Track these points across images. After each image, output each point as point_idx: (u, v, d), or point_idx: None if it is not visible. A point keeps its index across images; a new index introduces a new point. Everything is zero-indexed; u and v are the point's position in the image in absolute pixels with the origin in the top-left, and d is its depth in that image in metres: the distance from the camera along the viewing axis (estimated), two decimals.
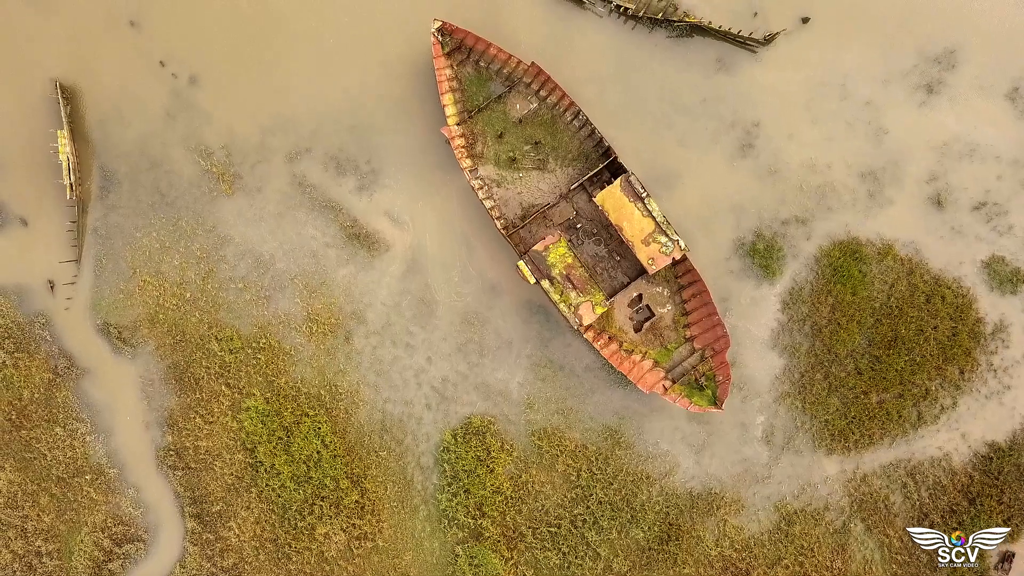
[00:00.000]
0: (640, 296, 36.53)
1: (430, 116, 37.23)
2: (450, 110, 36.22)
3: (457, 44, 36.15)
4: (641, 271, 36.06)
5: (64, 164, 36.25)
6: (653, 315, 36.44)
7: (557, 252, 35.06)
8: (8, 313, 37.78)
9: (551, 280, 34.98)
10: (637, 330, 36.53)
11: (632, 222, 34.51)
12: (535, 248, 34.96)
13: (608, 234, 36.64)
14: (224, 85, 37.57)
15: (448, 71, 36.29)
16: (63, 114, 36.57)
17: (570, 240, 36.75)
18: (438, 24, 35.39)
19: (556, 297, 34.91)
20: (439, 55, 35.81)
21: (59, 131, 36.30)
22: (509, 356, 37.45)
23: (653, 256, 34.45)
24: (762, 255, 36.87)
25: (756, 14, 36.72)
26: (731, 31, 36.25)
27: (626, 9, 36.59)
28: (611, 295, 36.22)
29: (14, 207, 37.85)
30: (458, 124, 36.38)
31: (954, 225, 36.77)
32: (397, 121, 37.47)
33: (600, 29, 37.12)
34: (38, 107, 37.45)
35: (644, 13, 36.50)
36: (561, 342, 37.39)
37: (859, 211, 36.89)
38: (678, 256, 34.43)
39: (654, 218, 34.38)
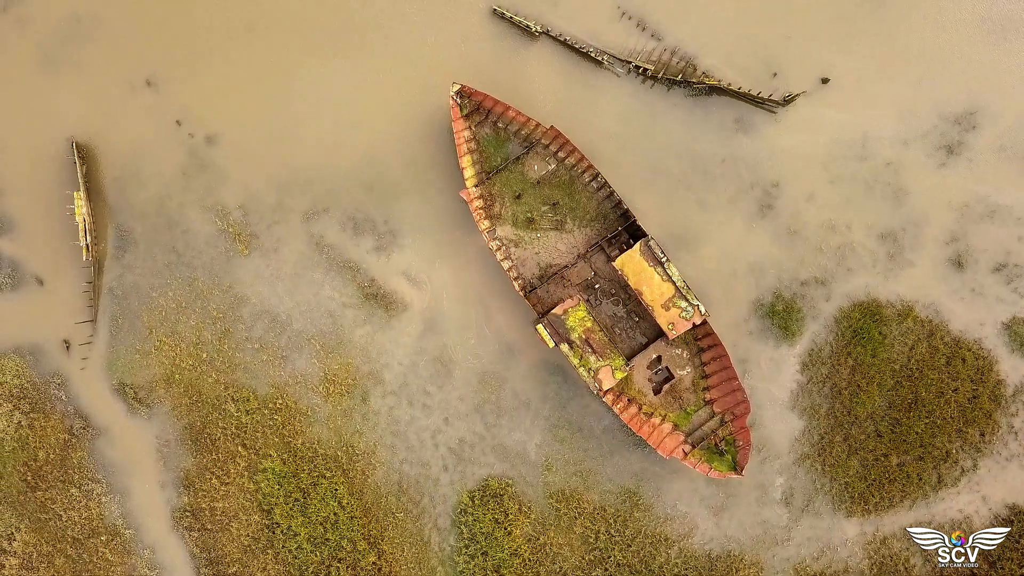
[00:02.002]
0: (659, 358, 36.34)
1: (448, 176, 37.11)
2: (468, 172, 36.09)
3: (476, 106, 36.04)
4: (660, 332, 35.88)
5: (80, 225, 36.13)
6: (672, 377, 36.24)
7: (576, 316, 34.89)
8: (24, 373, 37.63)
9: (570, 344, 34.81)
10: (656, 392, 36.34)
11: (652, 287, 34.36)
12: (554, 312, 34.80)
13: (626, 294, 36.47)
14: (241, 144, 37.45)
15: (467, 133, 36.17)
16: (79, 174, 36.45)
17: (588, 300, 36.59)
18: (457, 87, 35.27)
19: (575, 361, 34.74)
20: (458, 118, 35.68)
21: (75, 192, 36.17)
22: (527, 417, 37.27)
23: (673, 321, 34.29)
24: (781, 316, 36.69)
25: (776, 74, 36.59)
26: (750, 92, 36.12)
27: (645, 70, 36.46)
28: (630, 356, 36.05)
29: (31, 266, 37.71)
30: (476, 185, 36.25)
31: (974, 286, 36.60)
32: (415, 181, 37.34)
33: (618, 88, 36.99)
34: (55, 166, 37.37)
35: (663, 74, 36.38)
36: (579, 403, 37.20)
37: (879, 272, 36.72)
38: (698, 321, 34.27)
39: (674, 283, 34.23)
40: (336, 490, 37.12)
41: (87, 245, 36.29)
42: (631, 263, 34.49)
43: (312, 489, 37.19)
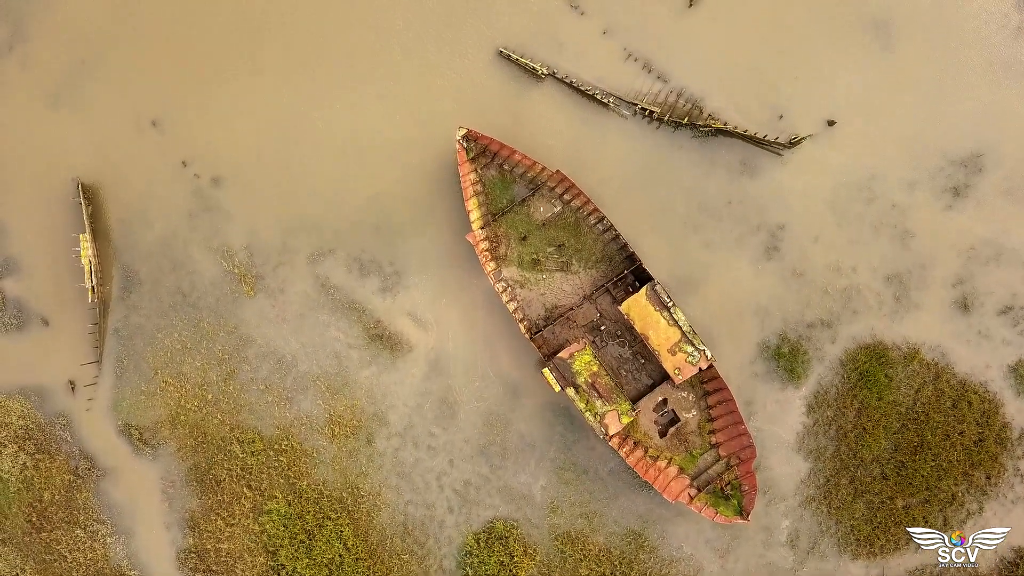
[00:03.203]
0: (665, 400, 36.30)
1: (454, 217, 37.09)
2: (474, 214, 36.08)
3: (482, 149, 36.02)
4: (666, 374, 35.83)
5: (86, 267, 36.12)
6: (678, 420, 36.20)
7: (582, 360, 34.85)
8: (29, 414, 37.62)
9: (576, 388, 34.77)
10: (662, 435, 36.28)
11: (658, 331, 34.32)
12: (560, 355, 34.76)
13: (632, 336, 36.42)
14: (247, 186, 37.45)
15: (472, 176, 36.15)
16: (85, 216, 36.44)
17: (594, 342, 36.55)
18: (463, 131, 35.26)
19: (582, 406, 34.70)
20: (464, 161, 35.67)
21: (81, 235, 36.15)
22: (532, 459, 37.22)
23: (679, 366, 34.26)
24: (787, 358, 36.65)
25: (782, 116, 36.57)
26: (756, 135, 36.09)
27: (651, 112, 36.44)
28: (636, 398, 36.01)
29: (36, 307, 37.70)
30: (482, 227, 36.23)
31: (981, 329, 36.56)
32: (421, 222, 37.32)
33: (624, 130, 36.98)
34: (60, 207, 37.37)
35: (669, 117, 36.35)
36: (585, 445, 37.16)
37: (885, 315, 36.68)
38: (704, 366, 34.24)
39: (680, 327, 34.19)
40: (341, 532, 37.07)
41: (92, 287, 36.28)
42: (637, 307, 34.46)
43: (317, 531, 37.15)
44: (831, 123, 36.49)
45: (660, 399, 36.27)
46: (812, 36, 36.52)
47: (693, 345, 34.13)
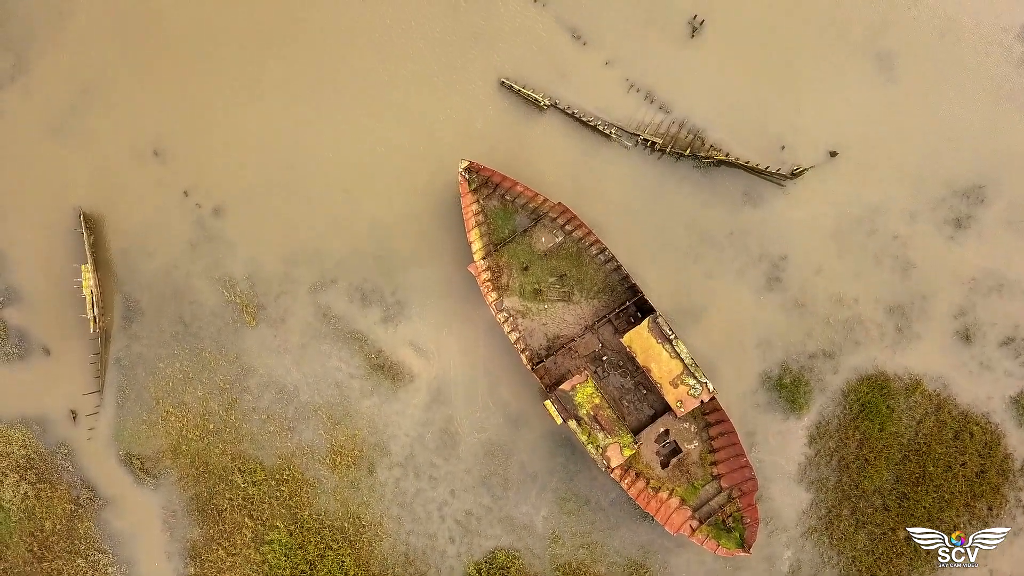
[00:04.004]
0: (667, 431, 36.29)
1: (456, 247, 37.08)
2: (476, 245, 36.07)
3: (484, 180, 36.03)
4: (668, 405, 35.79)
5: (87, 298, 36.09)
6: (680, 451, 36.19)
7: (584, 392, 34.83)
8: (30, 443, 37.60)
9: (578, 421, 34.76)
10: (664, 465, 36.26)
11: (660, 363, 34.32)
12: (562, 387, 34.75)
13: (634, 366, 36.41)
14: (248, 215, 37.44)
15: (475, 207, 36.15)
16: (86, 246, 36.42)
17: (596, 372, 36.57)
18: (465, 164, 35.26)
19: (584, 438, 34.68)
20: (466, 193, 35.66)
21: (83, 265, 36.12)
22: (533, 489, 37.20)
23: (681, 398, 34.25)
24: (789, 389, 36.65)
25: (784, 147, 36.57)
26: (758, 166, 36.08)
27: (653, 143, 36.43)
28: (638, 429, 36.01)
29: (38, 337, 37.69)
30: (484, 258, 36.22)
31: (982, 360, 36.57)
32: (423, 252, 37.32)
33: (627, 161, 36.97)
34: (62, 236, 37.36)
35: (671, 148, 36.34)
36: (586, 475, 37.14)
37: (887, 346, 36.68)
38: (706, 399, 34.24)
39: (682, 360, 34.19)
40: (343, 562, 37.04)
41: (94, 317, 36.25)
42: (639, 339, 34.46)
43: (319, 561, 37.12)
44: (833, 154, 36.49)
45: (662, 430, 36.26)
46: (814, 67, 36.53)
47: (695, 378, 34.13)
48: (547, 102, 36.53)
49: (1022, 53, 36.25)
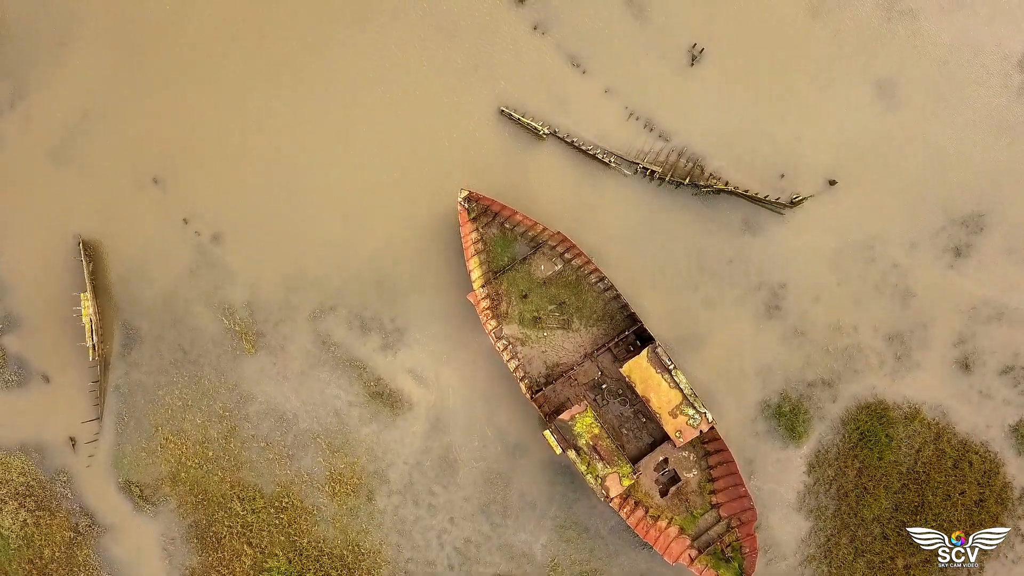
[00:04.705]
0: (666, 459, 36.28)
1: (455, 275, 37.08)
2: (475, 273, 36.07)
3: (483, 208, 36.03)
4: (667, 433, 35.82)
5: (87, 327, 36.09)
6: (679, 479, 36.18)
7: (584, 422, 34.83)
8: (29, 471, 37.65)
9: (577, 451, 34.76)
10: (663, 494, 36.26)
11: (659, 393, 34.32)
12: (561, 417, 34.75)
13: (633, 394, 36.37)
14: (248, 243, 37.44)
15: (474, 235, 36.15)
16: (86, 274, 36.44)
17: (595, 399, 36.57)
18: (465, 193, 35.25)
19: (583, 468, 34.68)
20: (466, 222, 35.66)
21: (82, 294, 36.14)
22: (533, 517, 37.20)
23: (681, 428, 34.24)
24: (788, 417, 36.65)
25: (783, 176, 36.55)
26: (757, 195, 36.08)
27: (653, 171, 36.42)
28: (637, 457, 36.02)
29: (37, 364, 37.75)
30: (483, 285, 36.23)
31: (982, 389, 36.55)
32: (422, 279, 37.32)
33: (626, 189, 36.95)
34: (62, 263, 37.42)
35: (671, 176, 36.33)
36: (586, 503, 37.15)
37: (886, 374, 36.67)
38: (705, 429, 34.23)
39: (681, 390, 34.19)
40: None
41: (94, 346, 36.26)
42: (638, 369, 34.45)
43: None
44: (832, 182, 36.47)
45: (661, 458, 36.25)
46: (814, 95, 36.50)
47: (694, 408, 34.13)
48: (546, 131, 36.53)
49: (1021, 82, 36.21)
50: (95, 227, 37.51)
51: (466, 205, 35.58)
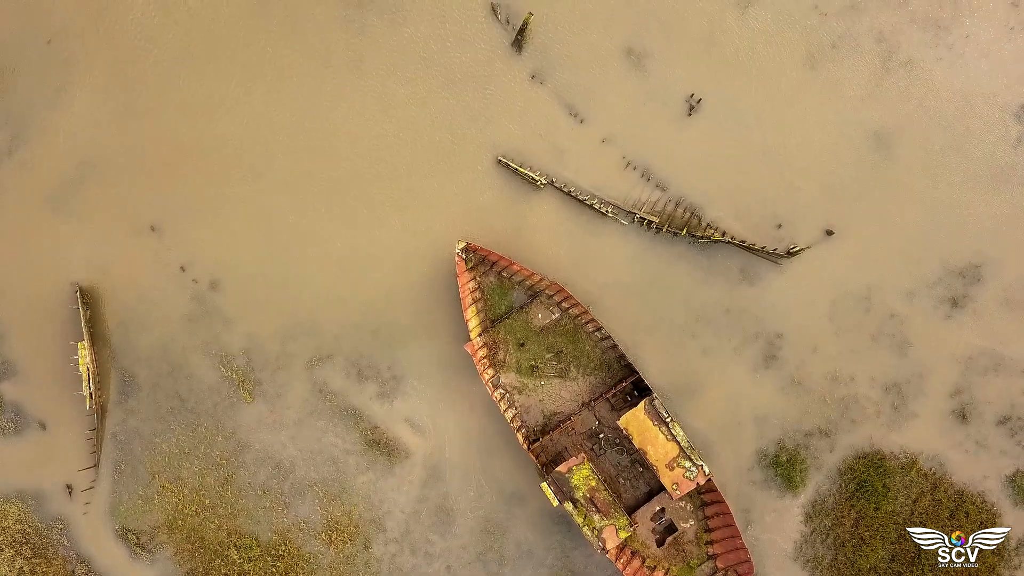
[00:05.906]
0: (663, 509, 36.28)
1: (452, 323, 37.08)
2: (473, 323, 36.09)
3: (481, 258, 36.05)
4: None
5: (84, 376, 36.09)
6: (676, 529, 36.18)
7: (581, 474, 34.82)
8: (26, 518, 37.64)
9: (574, 503, 34.75)
10: (660, 544, 36.25)
11: (656, 446, 34.32)
12: (559, 469, 34.74)
13: (631, 444, 36.38)
14: (245, 291, 37.44)
15: (471, 284, 36.18)
16: (83, 322, 36.42)
17: (592, 448, 36.58)
18: (463, 244, 35.27)
19: (580, 520, 34.67)
20: (463, 272, 35.68)
21: (80, 343, 36.13)
22: (530, 566, 37.21)
23: (677, 481, 34.24)
24: (785, 467, 36.66)
25: (780, 226, 36.57)
26: (754, 245, 36.10)
27: (650, 221, 36.44)
28: (635, 507, 36.02)
29: (34, 411, 37.75)
30: (480, 334, 36.24)
31: (979, 439, 36.57)
32: (419, 328, 37.31)
33: (623, 238, 36.95)
34: (59, 310, 37.41)
35: (668, 226, 36.35)
36: (583, 552, 37.14)
37: (883, 424, 36.68)
38: (702, 481, 34.23)
39: (678, 443, 34.20)
40: None
41: (91, 394, 36.25)
42: (636, 421, 34.46)
43: None
44: (830, 233, 36.50)
45: (658, 508, 36.25)
46: (811, 146, 36.51)
47: (691, 460, 34.13)
48: (544, 180, 36.54)
49: (1019, 132, 36.24)
50: (92, 275, 37.52)
51: (464, 256, 35.60)
